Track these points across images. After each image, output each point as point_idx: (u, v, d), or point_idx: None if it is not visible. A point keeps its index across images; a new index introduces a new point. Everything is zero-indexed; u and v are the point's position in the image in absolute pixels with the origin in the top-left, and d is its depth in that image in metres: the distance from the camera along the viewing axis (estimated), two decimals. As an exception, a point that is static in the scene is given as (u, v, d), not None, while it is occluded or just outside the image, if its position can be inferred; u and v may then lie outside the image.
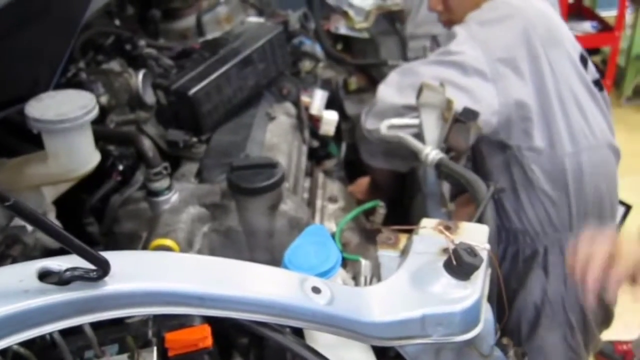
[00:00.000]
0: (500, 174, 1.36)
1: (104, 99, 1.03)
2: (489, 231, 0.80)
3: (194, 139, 1.06)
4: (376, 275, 0.91)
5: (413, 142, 1.13)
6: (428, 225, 0.80)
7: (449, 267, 0.69)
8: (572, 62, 1.34)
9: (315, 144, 1.35)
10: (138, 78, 1.04)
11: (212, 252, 0.90)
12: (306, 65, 1.46)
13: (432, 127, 1.16)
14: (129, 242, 0.92)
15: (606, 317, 1.49)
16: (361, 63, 1.83)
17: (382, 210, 1.24)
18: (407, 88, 1.30)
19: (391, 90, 1.33)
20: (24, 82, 0.85)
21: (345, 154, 1.47)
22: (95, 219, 1.01)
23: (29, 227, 0.82)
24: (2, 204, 0.45)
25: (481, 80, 1.25)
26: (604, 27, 4.07)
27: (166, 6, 1.64)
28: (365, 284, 0.91)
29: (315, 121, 1.31)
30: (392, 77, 1.36)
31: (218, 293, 0.55)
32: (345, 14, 1.82)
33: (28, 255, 0.84)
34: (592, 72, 1.41)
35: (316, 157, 1.36)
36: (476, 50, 1.27)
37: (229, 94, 1.11)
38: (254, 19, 1.51)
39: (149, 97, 1.08)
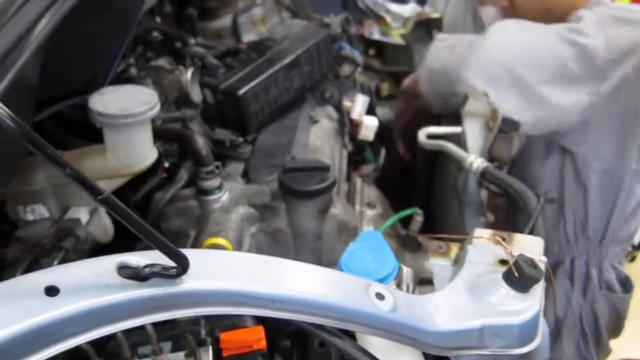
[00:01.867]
0: (549, 179, 1.34)
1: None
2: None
3: (240, 139, 1.07)
4: (416, 282, 0.91)
5: (456, 150, 1.13)
6: (482, 235, 0.80)
7: (508, 278, 0.69)
8: None
9: (351, 148, 1.35)
10: (187, 76, 1.04)
11: (259, 252, 0.90)
12: (345, 69, 1.46)
13: (476, 136, 1.16)
14: (176, 239, 0.92)
15: (617, 325, 1.47)
16: (394, 70, 1.83)
17: (419, 218, 1.24)
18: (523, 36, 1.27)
19: (507, 37, 1.29)
20: (82, 75, 0.85)
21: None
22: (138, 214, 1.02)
23: (83, 221, 0.82)
24: (95, 197, 0.45)
25: (588, 71, 1.21)
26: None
27: (202, 5, 1.65)
28: (408, 292, 0.91)
29: (354, 126, 1.31)
30: (510, 24, 1.31)
31: (289, 295, 0.55)
32: (381, 20, 1.82)
33: (79, 248, 0.85)
34: None
35: (352, 161, 1.36)
36: (601, 40, 1.21)
37: (275, 95, 1.11)
38: (296, 21, 1.51)
39: (196, 95, 1.09)
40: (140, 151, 0.77)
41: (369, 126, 1.31)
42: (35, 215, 0.82)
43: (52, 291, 0.47)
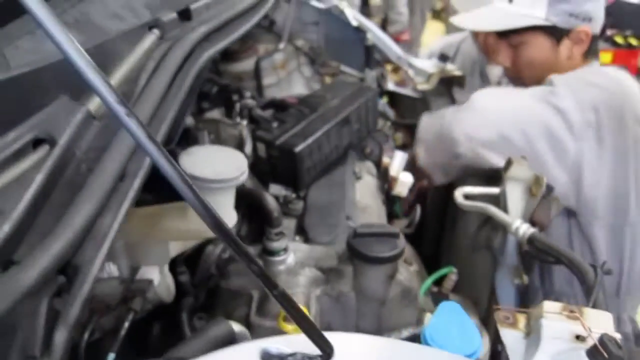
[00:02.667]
0: (559, 239, 1.38)
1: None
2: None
3: (293, 195, 1.06)
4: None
5: (500, 214, 1.15)
6: (554, 309, 0.81)
7: (593, 356, 0.70)
8: None
9: (385, 203, 1.37)
10: (245, 130, 1.04)
11: (322, 315, 0.89)
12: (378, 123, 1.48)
13: (517, 200, 1.18)
14: (236, 299, 0.90)
15: None
16: (412, 123, 1.86)
17: (453, 277, 1.25)
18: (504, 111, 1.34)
19: (491, 101, 1.37)
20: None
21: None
22: (186, 268, 1.00)
23: (155, 282, 0.80)
24: (270, 291, 0.44)
25: (566, 130, 1.28)
26: None
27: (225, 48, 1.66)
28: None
29: (390, 182, 1.32)
30: (491, 90, 1.38)
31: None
32: (399, 71, 1.86)
33: (144, 308, 0.82)
34: None
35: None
36: (572, 102, 1.30)
37: (326, 152, 1.11)
38: (348, 73, 1.53)
39: (247, 148, 1.08)
40: (223, 214, 0.76)
41: (405, 183, 1.32)
42: (104, 274, 0.79)
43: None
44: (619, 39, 4.24)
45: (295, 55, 2.02)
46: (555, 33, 1.44)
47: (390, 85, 1.96)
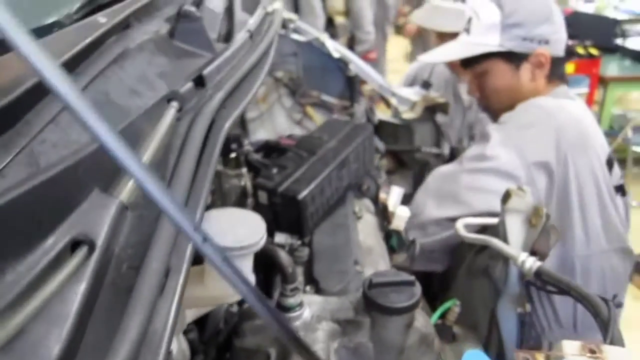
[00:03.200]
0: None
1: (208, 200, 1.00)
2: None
3: (298, 242, 1.05)
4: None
5: (505, 247, 1.16)
6: (572, 349, 0.82)
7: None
8: (599, 167, 1.40)
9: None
10: (248, 181, 1.02)
11: (341, 368, 0.87)
12: (369, 157, 1.48)
13: (517, 232, 1.19)
14: (251, 357, 0.88)
15: None
16: (396, 149, 1.87)
17: (457, 309, 1.25)
18: (446, 198, 1.36)
19: (430, 201, 1.39)
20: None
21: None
22: (194, 325, 0.97)
23: (174, 351, 0.77)
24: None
25: (509, 183, 1.31)
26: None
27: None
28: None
29: (388, 217, 1.31)
30: (431, 184, 1.42)
31: None
32: (385, 101, 1.87)
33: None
34: (616, 177, 1.47)
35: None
36: (511, 154, 1.33)
37: (328, 195, 1.10)
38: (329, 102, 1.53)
39: (249, 191, 1.06)
40: (243, 278, 0.74)
41: (402, 217, 1.32)
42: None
43: None
44: (580, 50, 4.39)
45: (275, 87, 2.01)
46: (513, 58, 1.47)
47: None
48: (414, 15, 2.13)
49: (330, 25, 4.83)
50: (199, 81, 0.66)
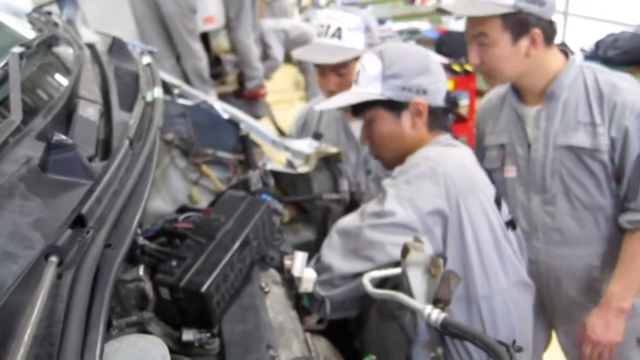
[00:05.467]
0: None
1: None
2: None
3: (207, 335, 1.02)
4: None
5: (410, 302, 1.20)
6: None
7: None
8: (489, 207, 1.50)
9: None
10: (148, 284, 0.98)
11: None
12: (269, 220, 1.48)
13: (419, 282, 1.24)
14: None
15: None
16: (298, 199, 1.89)
17: (374, 365, 1.27)
18: (351, 254, 1.43)
19: (336, 257, 1.45)
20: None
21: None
22: None
23: None
24: None
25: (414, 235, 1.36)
26: (459, 118, 4.61)
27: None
28: None
29: (295, 282, 1.32)
30: (335, 240, 1.47)
31: None
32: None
33: None
34: (505, 214, 1.58)
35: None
36: (406, 208, 1.42)
37: (232, 280, 1.09)
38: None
39: (149, 292, 1.03)
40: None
41: (309, 279, 1.33)
42: None
43: None
44: (456, 67, 4.67)
45: (167, 149, 1.97)
46: (394, 106, 1.57)
47: (269, 165, 1.98)
48: (296, 52, 2.19)
49: (217, 64, 4.80)
50: (79, 220, 0.62)
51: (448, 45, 5.10)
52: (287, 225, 1.91)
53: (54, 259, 0.57)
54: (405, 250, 1.24)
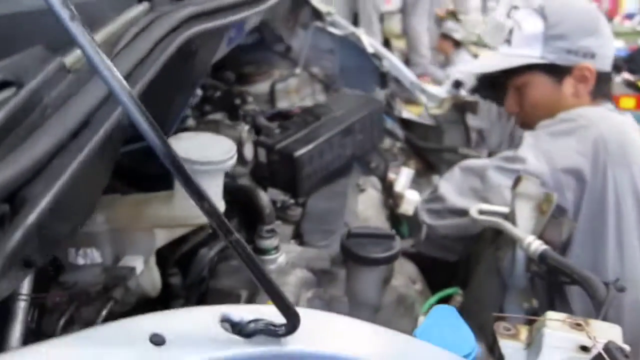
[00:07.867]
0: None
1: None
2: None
3: (291, 201, 1.04)
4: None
5: (513, 230, 1.10)
6: (557, 318, 0.76)
7: (598, 365, 0.65)
8: None
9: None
10: (245, 133, 1.02)
11: (313, 320, 0.84)
12: (386, 143, 1.46)
13: (527, 218, 1.13)
14: (225, 299, 0.87)
15: None
16: (432, 147, 1.83)
17: (459, 298, 1.20)
18: (468, 191, 1.32)
19: (452, 190, 1.34)
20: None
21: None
22: (179, 270, 0.97)
23: (138, 270, 0.77)
24: (225, 238, 0.42)
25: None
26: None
27: (240, 70, 1.68)
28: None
29: (396, 199, 1.28)
30: (456, 174, 1.36)
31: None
32: (411, 103, 1.85)
33: (126, 300, 0.80)
34: None
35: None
36: (540, 159, 1.26)
37: (328, 160, 1.09)
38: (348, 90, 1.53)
39: (248, 153, 1.07)
40: (210, 201, 0.74)
41: (411, 201, 1.29)
42: (86, 260, 0.77)
43: (158, 340, 0.42)
44: (642, 85, 4.21)
45: (310, 82, 2.03)
46: (555, 71, 1.39)
47: (405, 113, 1.95)
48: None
49: (386, 47, 4.87)
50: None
51: (637, 62, 4.62)
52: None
53: (145, 3, 0.61)
54: (517, 181, 1.14)
